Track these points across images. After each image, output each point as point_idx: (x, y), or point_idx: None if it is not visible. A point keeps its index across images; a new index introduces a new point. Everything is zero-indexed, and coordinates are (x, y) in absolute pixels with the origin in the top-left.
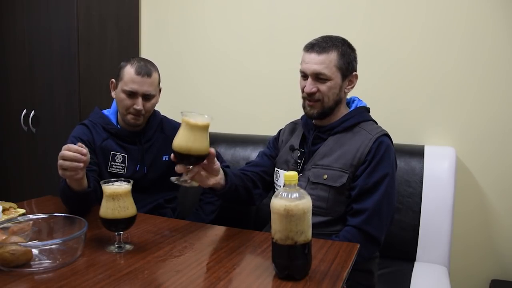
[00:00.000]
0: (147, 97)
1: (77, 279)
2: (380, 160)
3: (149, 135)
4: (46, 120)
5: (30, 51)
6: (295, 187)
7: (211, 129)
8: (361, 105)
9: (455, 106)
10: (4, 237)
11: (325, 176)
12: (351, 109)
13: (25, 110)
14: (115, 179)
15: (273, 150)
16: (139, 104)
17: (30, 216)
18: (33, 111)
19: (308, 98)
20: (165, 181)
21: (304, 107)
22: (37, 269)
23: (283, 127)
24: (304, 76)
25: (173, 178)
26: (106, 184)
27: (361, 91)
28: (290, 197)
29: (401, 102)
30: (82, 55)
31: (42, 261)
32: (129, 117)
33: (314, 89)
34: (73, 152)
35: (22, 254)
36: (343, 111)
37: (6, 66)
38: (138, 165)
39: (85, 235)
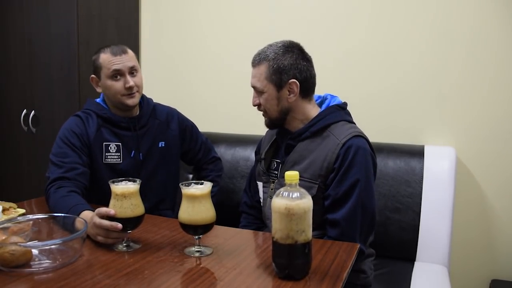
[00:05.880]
0: (133, 71)
1: (77, 279)
2: (348, 167)
3: (144, 121)
4: (46, 120)
5: (30, 51)
6: (296, 186)
7: (212, 129)
8: (334, 103)
9: (455, 106)
10: (4, 237)
11: None
12: (322, 109)
13: (25, 110)
14: (122, 178)
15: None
16: (129, 81)
17: (30, 216)
18: (33, 111)
19: (258, 109)
20: (162, 169)
21: None
22: (37, 269)
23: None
24: None
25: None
26: (114, 184)
27: (361, 91)
28: (291, 197)
29: (401, 102)
30: (82, 55)
31: (42, 261)
32: (125, 98)
33: (256, 102)
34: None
35: (22, 254)
36: (309, 114)
37: (6, 66)
38: (133, 151)
39: (85, 235)
